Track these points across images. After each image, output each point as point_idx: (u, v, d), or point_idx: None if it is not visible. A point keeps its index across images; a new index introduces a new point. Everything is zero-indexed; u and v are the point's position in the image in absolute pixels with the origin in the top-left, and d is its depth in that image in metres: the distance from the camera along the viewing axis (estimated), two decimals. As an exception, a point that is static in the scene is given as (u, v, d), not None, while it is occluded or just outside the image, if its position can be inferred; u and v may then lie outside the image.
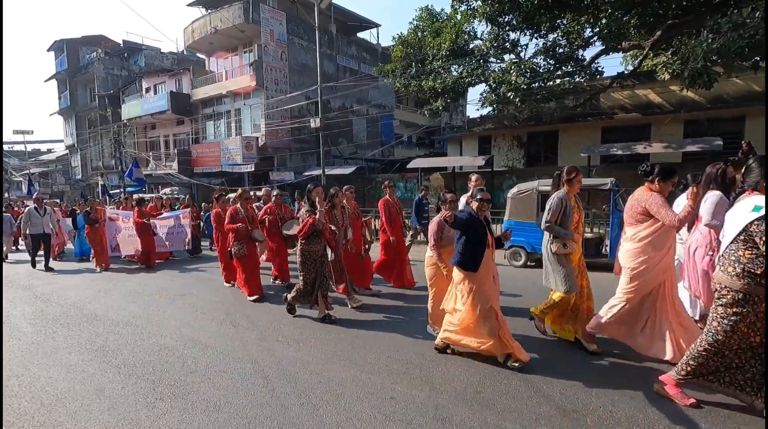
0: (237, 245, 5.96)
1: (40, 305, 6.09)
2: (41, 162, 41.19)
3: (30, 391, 3.35)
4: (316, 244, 4.82)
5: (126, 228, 9.26)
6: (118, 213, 9.64)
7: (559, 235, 3.78)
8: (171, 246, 9.76)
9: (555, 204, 3.82)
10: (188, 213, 10.09)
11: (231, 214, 5.97)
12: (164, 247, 9.66)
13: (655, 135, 14.79)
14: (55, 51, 32.22)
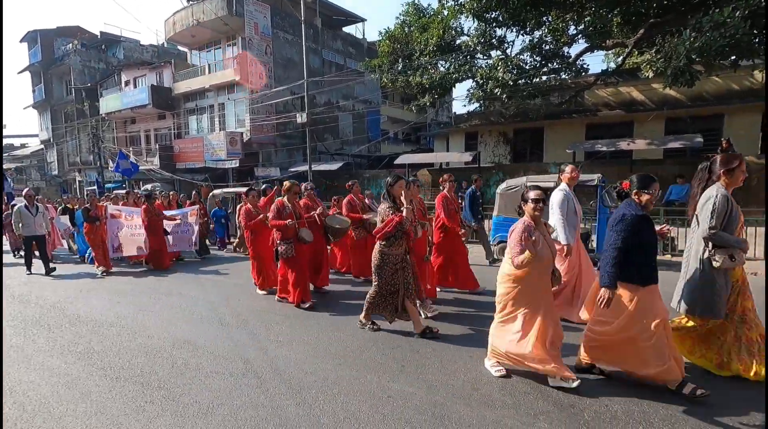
0: (284, 245, 5.25)
1: (17, 306, 5.87)
2: (15, 157, 39.77)
3: (11, 396, 3.21)
4: (398, 246, 4.12)
5: (129, 226, 8.51)
6: (121, 209, 8.76)
7: (726, 245, 2.94)
8: (175, 246, 8.99)
9: (720, 203, 2.92)
10: (196, 210, 9.39)
11: (277, 209, 5.26)
12: (168, 248, 8.81)
13: (637, 132, 15.09)
14: (28, 42, 31.03)
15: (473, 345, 3.89)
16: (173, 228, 8.91)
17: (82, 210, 8.53)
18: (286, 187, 5.47)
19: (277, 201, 5.40)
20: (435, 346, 3.91)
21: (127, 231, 8.49)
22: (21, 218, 8.11)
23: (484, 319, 4.67)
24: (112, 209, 8.61)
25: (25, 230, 8.12)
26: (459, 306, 5.30)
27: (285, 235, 5.25)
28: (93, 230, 8.19)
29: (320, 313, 5.09)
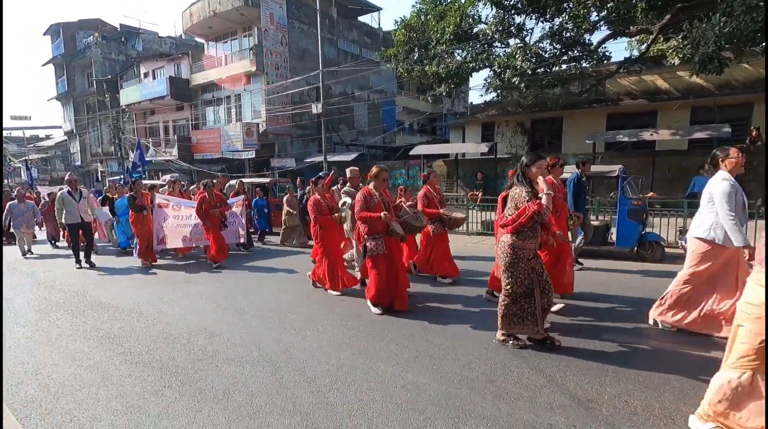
0: (372, 240, 4.56)
1: (42, 292, 6.06)
2: (40, 148, 40.93)
3: (36, 379, 3.31)
4: (532, 239, 3.45)
5: (176, 216, 8.07)
6: (169, 199, 8.26)
7: None
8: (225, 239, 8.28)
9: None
10: (242, 201, 8.85)
11: (365, 198, 4.56)
12: None
13: (661, 122, 14.61)
14: (51, 35, 31.71)
15: (488, 336, 3.84)
16: None
17: (128, 198, 7.87)
18: (373, 172, 4.68)
19: (363, 189, 4.69)
20: (449, 337, 3.88)
21: (173, 222, 8.04)
22: (64, 205, 7.54)
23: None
24: (159, 198, 8.10)
25: (69, 218, 7.57)
26: (470, 297, 5.24)
27: (373, 229, 4.56)
28: (139, 220, 7.70)
29: (333, 304, 5.10)
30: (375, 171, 4.69)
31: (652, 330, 3.94)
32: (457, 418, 2.60)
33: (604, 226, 7.79)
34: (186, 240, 8.18)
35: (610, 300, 4.89)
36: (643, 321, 4.13)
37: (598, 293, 5.14)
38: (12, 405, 2.91)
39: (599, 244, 7.46)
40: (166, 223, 8.00)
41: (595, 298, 4.96)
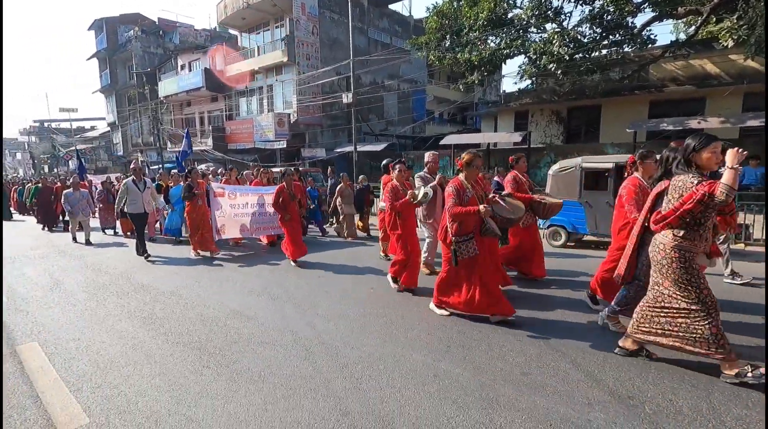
0: (462, 241, 3.85)
1: (90, 274, 6.40)
2: (86, 139, 43.08)
3: (87, 354, 3.51)
4: (701, 241, 2.78)
5: (233, 205, 7.84)
6: (224, 187, 7.98)
7: None
8: (279, 227, 7.76)
9: None
10: (275, 190, 8.40)
11: (456, 190, 3.82)
12: (269, 230, 8.18)
13: (710, 109, 13.74)
14: (95, 30, 33.11)
15: (523, 328, 3.76)
16: (265, 208, 8.07)
17: (184, 186, 7.51)
18: (465, 160, 3.96)
19: (454, 181, 3.95)
20: (482, 328, 3.82)
21: (229, 211, 7.79)
22: (128, 194, 7.39)
23: (532, 303, 4.51)
24: (215, 187, 7.85)
25: (131, 207, 7.38)
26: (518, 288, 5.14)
27: (465, 227, 3.86)
28: (194, 209, 7.39)
29: (365, 293, 5.13)
30: (467, 158, 3.95)
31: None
32: (491, 409, 2.56)
33: (646, 219, 7.44)
34: (245, 230, 7.97)
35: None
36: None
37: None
38: (66, 378, 3.10)
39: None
40: (223, 211, 7.76)
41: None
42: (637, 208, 3.51)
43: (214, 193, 7.68)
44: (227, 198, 7.82)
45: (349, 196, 9.19)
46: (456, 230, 3.89)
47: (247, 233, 8.08)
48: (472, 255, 3.87)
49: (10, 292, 5.47)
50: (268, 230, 8.23)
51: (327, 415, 2.56)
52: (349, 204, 9.17)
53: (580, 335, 3.61)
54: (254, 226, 8.01)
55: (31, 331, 4.06)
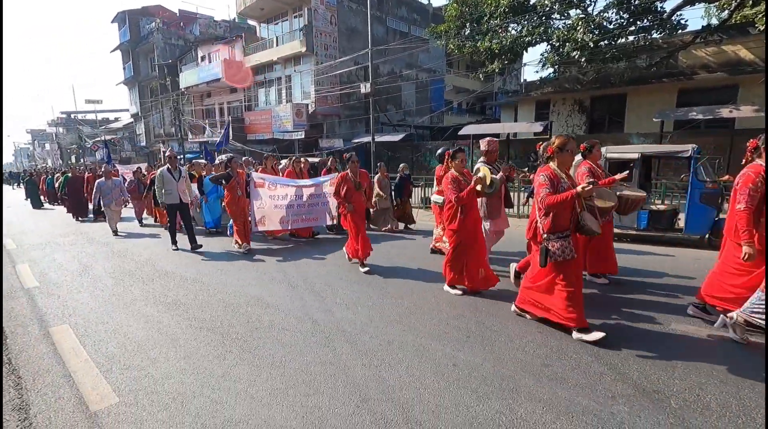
0: (557, 240, 3.30)
1: (117, 261, 6.60)
2: (110, 130, 44.18)
3: (115, 337, 3.63)
4: None
5: (272, 196, 7.40)
6: (264, 177, 7.48)
7: None
8: (315, 220, 7.85)
9: None
10: (336, 179, 7.36)
11: (549, 179, 3.29)
12: (306, 222, 7.76)
13: (743, 97, 13.16)
14: (118, 22, 33.74)
15: (542, 321, 3.72)
16: (313, 199, 7.69)
17: (223, 176, 7.04)
18: (557, 144, 3.40)
19: (545, 169, 3.40)
20: (501, 319, 3.79)
21: (269, 202, 7.37)
22: (163, 184, 6.97)
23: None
24: (255, 177, 7.38)
25: (168, 198, 7.02)
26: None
27: (559, 223, 3.31)
28: (235, 200, 7.00)
29: (383, 280, 5.14)
30: (559, 142, 3.40)
31: (727, 322, 3.62)
32: (511, 400, 2.55)
33: (671, 211, 7.23)
34: (284, 222, 7.52)
35: (676, 289, 4.55)
36: (715, 311, 3.82)
37: (664, 282, 4.80)
38: (96, 360, 3.22)
39: (664, 229, 6.95)
40: (262, 203, 7.34)
41: (661, 286, 4.64)
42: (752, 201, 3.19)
43: (254, 184, 7.26)
44: (267, 189, 7.38)
45: (386, 186, 8.59)
46: (549, 226, 3.33)
47: (285, 225, 7.61)
48: (569, 258, 3.27)
49: (43, 276, 5.69)
50: (306, 222, 7.74)
51: (347, 400, 2.59)
52: (386, 194, 8.55)
53: (602, 329, 3.54)
54: (292, 218, 7.55)
55: (62, 314, 4.23)
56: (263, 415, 2.46)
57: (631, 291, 4.50)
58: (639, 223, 6.96)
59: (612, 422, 2.32)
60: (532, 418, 2.38)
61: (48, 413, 2.57)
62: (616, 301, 4.20)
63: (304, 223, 7.77)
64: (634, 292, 4.48)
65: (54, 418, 2.52)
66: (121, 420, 2.47)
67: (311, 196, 7.64)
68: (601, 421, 2.33)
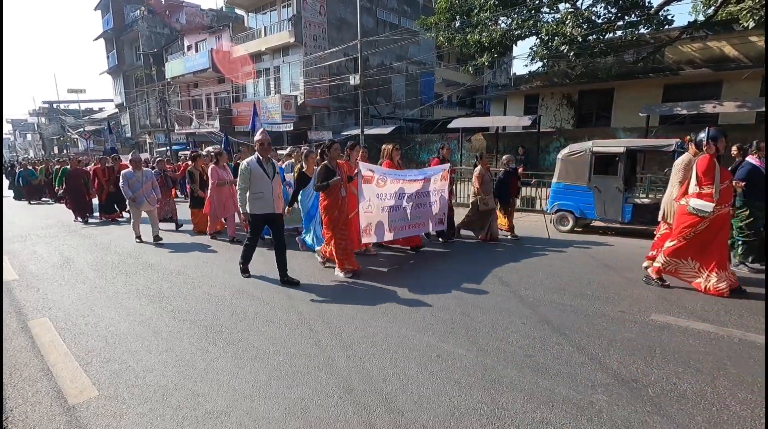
0: None
1: (100, 253, 6.49)
2: (94, 120, 43.22)
3: (96, 330, 3.57)
4: None
5: (382, 195, 5.40)
6: (374, 169, 5.36)
7: None
8: (422, 225, 6.08)
9: None
10: (447, 172, 6.36)
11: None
12: (412, 230, 5.91)
13: (726, 93, 13.38)
14: (101, 10, 32.86)
15: (525, 312, 3.76)
16: (411, 198, 5.81)
17: (320, 169, 4.86)
18: None
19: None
20: (486, 311, 3.82)
21: (377, 203, 5.33)
22: (252, 182, 4.61)
23: (538, 287, 4.50)
24: (364, 168, 5.17)
25: (258, 205, 4.64)
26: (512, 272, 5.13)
27: None
28: (337, 204, 4.92)
29: (373, 275, 5.14)
30: None
31: (704, 311, 3.71)
32: (494, 390, 2.57)
33: (655, 205, 7.33)
34: (387, 230, 5.54)
35: (659, 281, 4.63)
36: (693, 302, 3.90)
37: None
38: (75, 353, 3.17)
39: (649, 223, 7.05)
40: (370, 204, 5.25)
41: (640, 276, 4.72)
42: None
43: (362, 178, 5.12)
44: (375, 185, 5.30)
45: (489, 182, 6.90)
46: None
47: (388, 235, 5.57)
48: None
49: (22, 269, 5.57)
50: (412, 230, 5.90)
51: (330, 391, 2.59)
52: (489, 193, 6.80)
53: (585, 320, 3.60)
54: (397, 225, 5.63)
55: (42, 307, 4.14)
56: (245, 407, 2.45)
57: (613, 282, 4.57)
58: (624, 217, 7.05)
59: (591, 410, 2.36)
60: (513, 407, 2.41)
61: (24, 407, 2.52)
62: (596, 292, 4.26)
63: (410, 232, 5.86)
64: (615, 282, 4.55)
65: (31, 411, 2.48)
66: (100, 413, 2.44)
67: (418, 193, 5.88)
68: (580, 410, 2.36)
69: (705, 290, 4.12)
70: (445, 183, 6.42)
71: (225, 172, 7.25)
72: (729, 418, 2.29)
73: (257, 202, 4.65)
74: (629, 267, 5.15)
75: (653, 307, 3.87)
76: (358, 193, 5.11)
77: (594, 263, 5.44)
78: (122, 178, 7.15)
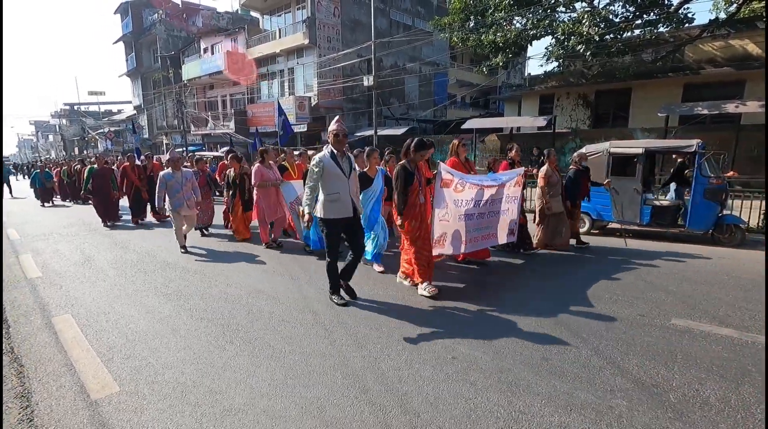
0: None
1: (119, 252, 6.62)
2: (113, 122, 44.19)
3: (116, 327, 3.65)
4: None
5: (459, 202, 4.74)
6: (453, 172, 4.69)
7: None
8: (493, 236, 5.31)
9: None
10: (521, 176, 5.62)
11: None
12: (484, 241, 5.19)
13: (750, 92, 13.03)
14: (120, 13, 33.62)
15: (542, 315, 3.72)
16: (485, 205, 5.05)
17: (399, 169, 4.28)
18: None
19: None
20: (502, 313, 3.79)
21: (454, 210, 4.71)
22: (324, 178, 3.86)
23: (554, 292, 4.45)
24: (444, 171, 4.60)
25: (334, 208, 3.89)
26: (538, 277, 5.08)
27: None
28: (419, 212, 4.33)
29: (386, 277, 5.14)
30: None
31: (727, 316, 3.62)
32: (510, 393, 2.55)
33: (675, 206, 7.19)
34: (462, 241, 4.85)
35: (678, 283, 4.53)
36: (716, 306, 3.81)
37: (664, 275, 4.79)
38: (97, 349, 3.24)
39: (667, 225, 6.92)
40: (447, 211, 4.65)
41: (661, 280, 4.62)
42: None
43: (441, 182, 4.53)
44: (453, 190, 4.69)
45: (557, 184, 6.03)
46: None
47: (462, 248, 4.87)
48: None
49: (45, 267, 5.72)
50: (485, 241, 5.20)
51: (346, 391, 2.60)
52: (556, 196, 6.00)
53: (603, 324, 3.54)
54: (471, 235, 4.95)
55: (65, 304, 4.25)
56: (262, 405, 2.47)
57: (632, 285, 4.49)
58: (642, 219, 6.93)
59: (610, 416, 2.32)
60: (530, 411, 2.38)
61: (49, 401, 2.59)
62: (615, 296, 4.18)
63: (482, 243, 5.17)
64: (634, 285, 4.47)
65: (55, 405, 2.54)
66: (121, 408, 2.49)
67: (492, 200, 5.16)
68: (599, 415, 2.33)
69: None
70: (519, 189, 5.62)
71: (271, 172, 6.48)
72: (754, 426, 2.23)
73: (333, 204, 3.87)
74: (648, 270, 5.05)
75: (673, 311, 3.79)
76: (436, 198, 4.55)
77: (613, 265, 5.34)
78: (160, 181, 6.30)
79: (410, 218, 4.33)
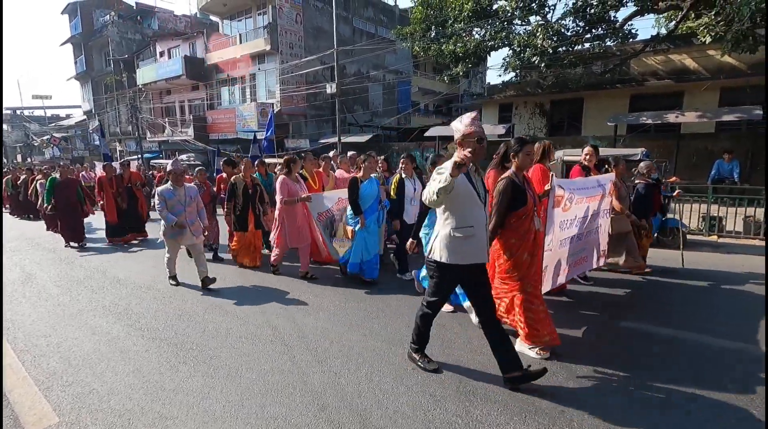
0: None
1: (64, 268, 6.22)
2: (61, 127, 41.66)
3: (58, 351, 3.42)
4: None
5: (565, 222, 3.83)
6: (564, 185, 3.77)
7: None
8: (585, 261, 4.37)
9: None
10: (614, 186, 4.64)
11: None
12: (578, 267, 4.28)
13: (688, 103, 14.04)
14: (69, 14, 31.83)
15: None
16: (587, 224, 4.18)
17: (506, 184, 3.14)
18: None
19: None
20: (462, 322, 3.85)
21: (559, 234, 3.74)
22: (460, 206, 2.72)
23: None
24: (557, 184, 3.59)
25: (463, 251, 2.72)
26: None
27: None
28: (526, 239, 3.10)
29: (349, 288, 5.10)
30: None
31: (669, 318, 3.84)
32: (468, 402, 2.59)
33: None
34: (574, 266, 4.14)
35: (611, 284, 4.78)
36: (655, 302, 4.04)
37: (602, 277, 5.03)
38: (35, 376, 3.01)
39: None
40: (553, 236, 3.59)
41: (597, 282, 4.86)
42: None
43: (554, 201, 3.57)
44: (562, 209, 3.72)
45: (626, 198, 4.98)
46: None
47: (562, 277, 3.95)
48: None
49: (-21, 287, 5.28)
50: (578, 267, 4.29)
51: (304, 410, 2.55)
52: (624, 215, 4.89)
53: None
54: (569, 261, 4.04)
55: (-1, 328, 3.93)
56: (216, 430, 2.38)
57: (585, 289, 4.68)
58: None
59: (562, 420, 2.40)
60: (487, 419, 2.43)
61: (-23, 438, 2.38)
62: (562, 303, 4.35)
63: (575, 270, 4.23)
64: (587, 289, 4.66)
65: (-16, 443, 2.34)
66: (60, 442, 2.32)
67: (592, 215, 4.23)
68: (551, 420, 2.40)
69: None
70: (609, 200, 4.62)
71: (298, 186, 5.35)
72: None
73: (462, 244, 2.69)
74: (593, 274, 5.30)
75: (622, 312, 3.99)
76: (547, 222, 3.47)
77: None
78: (158, 199, 4.96)
79: (518, 249, 3.09)
